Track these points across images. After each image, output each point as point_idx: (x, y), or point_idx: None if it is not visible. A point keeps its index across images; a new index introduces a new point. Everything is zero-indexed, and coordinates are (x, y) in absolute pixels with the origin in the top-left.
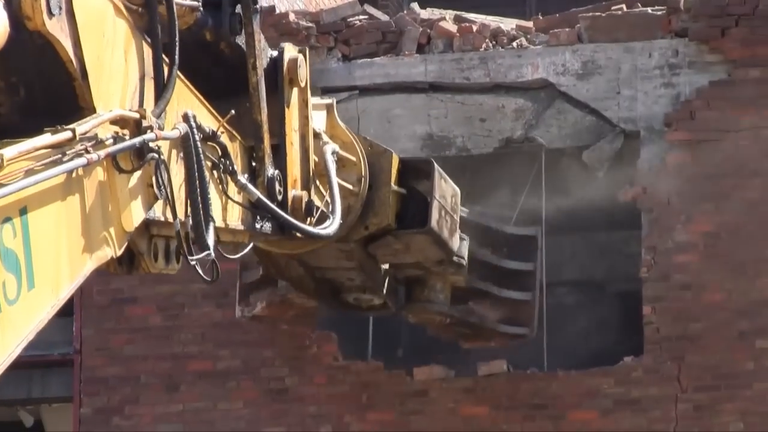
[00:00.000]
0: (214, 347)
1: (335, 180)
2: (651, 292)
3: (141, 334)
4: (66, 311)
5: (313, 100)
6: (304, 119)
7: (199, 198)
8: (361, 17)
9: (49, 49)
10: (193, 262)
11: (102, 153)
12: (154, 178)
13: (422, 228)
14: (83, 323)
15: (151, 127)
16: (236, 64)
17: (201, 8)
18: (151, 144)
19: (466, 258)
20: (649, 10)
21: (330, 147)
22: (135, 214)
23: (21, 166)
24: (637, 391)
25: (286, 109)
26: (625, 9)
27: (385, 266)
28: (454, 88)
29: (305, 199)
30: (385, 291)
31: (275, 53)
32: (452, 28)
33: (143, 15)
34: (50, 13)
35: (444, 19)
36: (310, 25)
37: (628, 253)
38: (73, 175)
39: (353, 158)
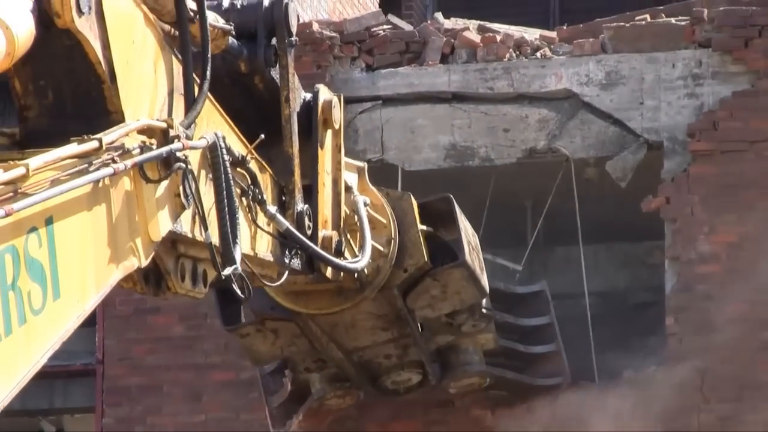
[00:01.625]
0: (237, 357)
1: (366, 221)
2: (674, 303)
3: (163, 343)
4: (89, 321)
5: (345, 160)
6: (337, 164)
7: (227, 213)
8: (385, 27)
9: (78, 50)
10: (224, 275)
11: (129, 162)
12: (181, 188)
13: (457, 261)
14: (106, 333)
15: (178, 137)
16: (269, 102)
17: (233, 32)
18: (178, 153)
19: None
20: (672, 20)
21: (362, 198)
22: (162, 224)
23: (47, 175)
24: (659, 402)
25: (320, 150)
26: (649, 19)
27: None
28: (477, 98)
29: (335, 239)
30: (424, 357)
31: (309, 96)
32: (476, 38)
33: (174, 36)
34: (80, 11)
35: (468, 29)
36: (333, 34)
37: (651, 263)
38: (100, 184)
39: (383, 220)
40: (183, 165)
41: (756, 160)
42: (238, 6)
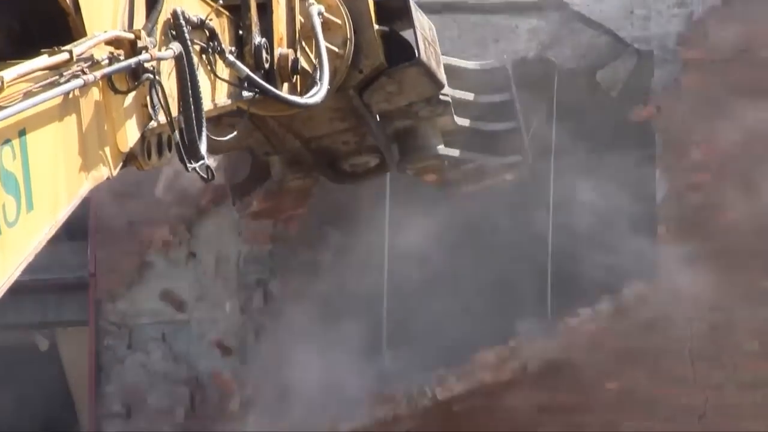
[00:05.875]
0: None
1: (322, 40)
2: (665, 212)
3: None
4: (81, 234)
5: None
6: None
7: (192, 108)
8: None
9: None
10: (191, 168)
11: (98, 74)
12: (148, 98)
13: (413, 60)
14: (97, 246)
15: (146, 48)
16: None
17: None
18: (146, 64)
19: (449, 95)
20: None
21: (316, 8)
22: (130, 134)
23: (20, 88)
24: (650, 312)
25: None
26: None
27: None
28: (467, 9)
29: (291, 57)
30: (381, 143)
31: None
32: None
33: None
34: None
35: None
36: None
37: (642, 173)
38: (70, 96)
39: (338, 21)
40: (151, 76)
41: (746, 69)
42: None
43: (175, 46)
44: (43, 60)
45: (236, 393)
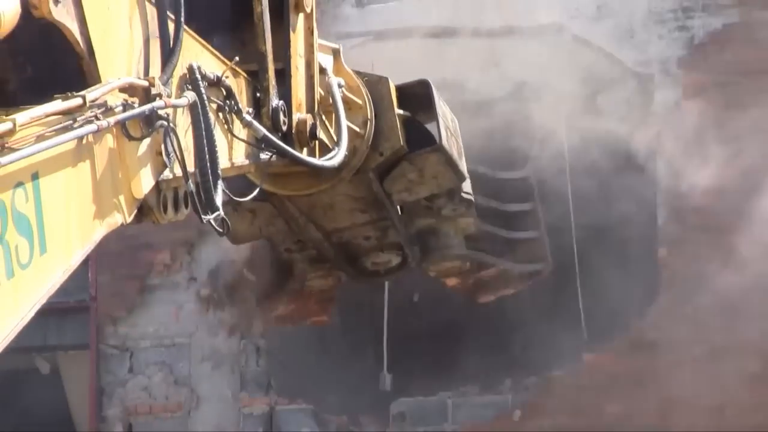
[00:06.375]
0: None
1: (342, 109)
2: (667, 235)
3: None
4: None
5: (320, 42)
6: (310, 47)
7: (207, 160)
8: None
9: (55, 29)
10: (205, 220)
11: (112, 120)
12: (163, 147)
13: (434, 146)
14: (98, 270)
15: (160, 95)
16: None
17: None
18: (160, 111)
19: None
20: None
21: (336, 80)
22: (144, 182)
23: (33, 131)
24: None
25: (291, 34)
26: None
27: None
28: (467, 33)
29: (310, 122)
30: (403, 239)
31: None
32: None
33: None
34: (56, 1)
35: None
36: None
37: (643, 195)
38: (84, 141)
39: (359, 101)
40: (165, 123)
41: (747, 93)
42: None
43: (190, 95)
44: (57, 104)
45: None
